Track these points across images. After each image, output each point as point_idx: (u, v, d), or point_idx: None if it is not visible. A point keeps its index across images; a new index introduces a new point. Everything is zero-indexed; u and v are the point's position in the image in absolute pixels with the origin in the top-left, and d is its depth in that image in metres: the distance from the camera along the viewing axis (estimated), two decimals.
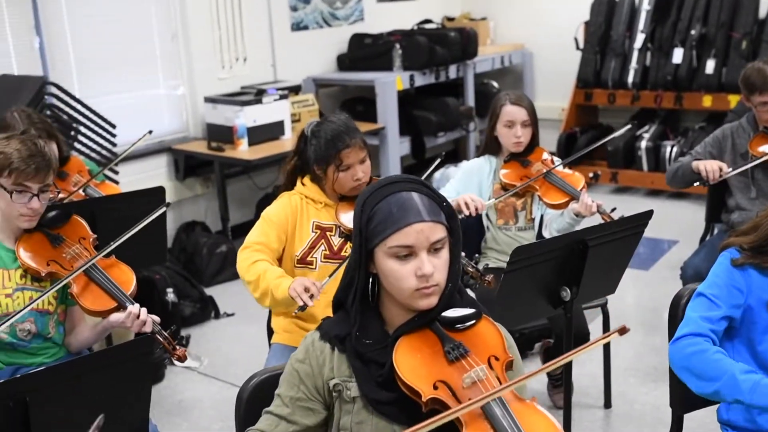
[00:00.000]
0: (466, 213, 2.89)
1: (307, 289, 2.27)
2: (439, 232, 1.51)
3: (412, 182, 1.56)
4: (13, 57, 4.38)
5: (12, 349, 2.35)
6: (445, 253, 1.53)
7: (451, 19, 7.14)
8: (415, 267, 1.50)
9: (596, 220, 2.76)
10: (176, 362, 2.32)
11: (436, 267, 1.50)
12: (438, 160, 3.11)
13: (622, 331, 1.37)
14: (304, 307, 2.27)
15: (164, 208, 2.56)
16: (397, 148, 5.81)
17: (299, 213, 2.55)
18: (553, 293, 2.48)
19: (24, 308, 2.26)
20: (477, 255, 2.92)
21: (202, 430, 3.33)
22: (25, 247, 2.36)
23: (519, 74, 7.25)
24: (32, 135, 2.37)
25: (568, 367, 2.63)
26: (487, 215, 3.21)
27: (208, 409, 3.49)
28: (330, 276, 2.42)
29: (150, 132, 3.11)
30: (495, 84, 6.96)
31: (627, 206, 3.33)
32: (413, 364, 1.51)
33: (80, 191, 3.18)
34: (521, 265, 2.33)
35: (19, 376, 1.71)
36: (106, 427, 1.81)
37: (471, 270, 2.60)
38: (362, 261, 1.56)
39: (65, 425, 1.71)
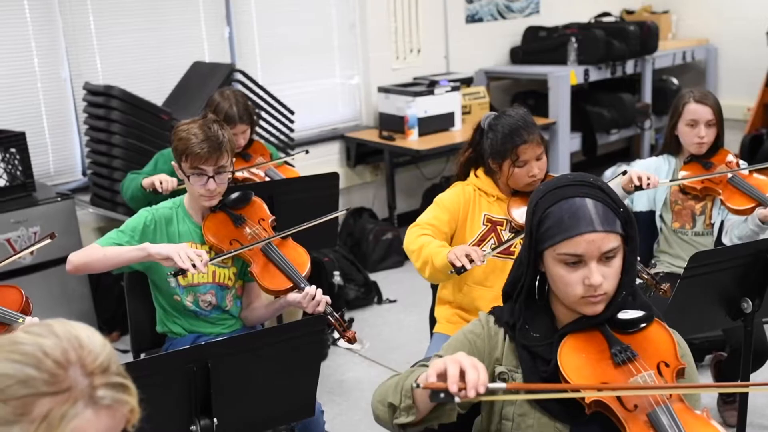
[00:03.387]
0: (638, 184, 2.78)
1: (467, 255, 2.23)
2: (611, 241, 1.46)
3: (588, 186, 1.50)
4: (206, 45, 4.70)
5: (195, 317, 2.53)
6: (617, 262, 1.49)
7: (630, 12, 6.88)
8: (584, 275, 1.46)
9: None
10: (345, 343, 2.39)
11: (605, 276, 1.47)
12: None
13: None
14: (460, 270, 2.22)
15: (344, 211, 2.72)
16: (567, 144, 5.68)
17: (472, 204, 2.55)
18: (732, 304, 2.35)
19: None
20: (653, 261, 2.80)
21: (361, 412, 3.41)
22: (209, 225, 2.52)
23: (701, 70, 6.88)
24: (209, 119, 2.49)
25: (745, 383, 2.48)
26: (661, 216, 3.09)
27: (368, 391, 3.55)
28: (494, 249, 2.39)
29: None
30: (675, 80, 6.64)
31: None
32: (578, 364, 1.48)
33: (262, 173, 3.34)
34: (700, 271, 2.22)
35: (203, 343, 1.84)
36: (277, 401, 1.92)
37: (646, 277, 2.51)
38: (531, 260, 1.55)
39: (241, 391, 1.82)
